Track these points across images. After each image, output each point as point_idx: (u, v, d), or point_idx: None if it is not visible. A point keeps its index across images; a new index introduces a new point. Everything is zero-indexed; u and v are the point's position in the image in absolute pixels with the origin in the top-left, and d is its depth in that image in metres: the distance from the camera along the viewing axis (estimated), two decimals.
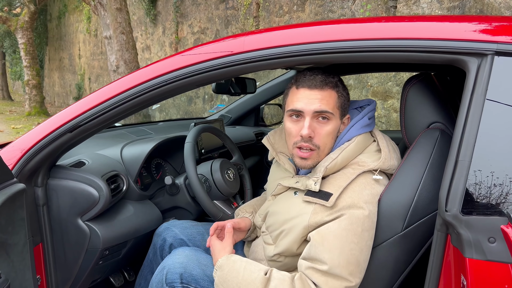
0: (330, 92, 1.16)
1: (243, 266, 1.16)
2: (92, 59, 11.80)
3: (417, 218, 1.08)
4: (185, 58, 1.17)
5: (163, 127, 2.44)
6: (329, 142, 1.19)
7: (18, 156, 1.24)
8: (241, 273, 1.14)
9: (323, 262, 1.07)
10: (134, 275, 1.92)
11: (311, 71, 1.19)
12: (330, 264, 1.06)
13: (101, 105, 1.21)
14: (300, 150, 1.18)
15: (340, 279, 1.06)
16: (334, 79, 1.18)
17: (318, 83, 1.16)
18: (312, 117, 1.15)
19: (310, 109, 1.15)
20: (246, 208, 1.51)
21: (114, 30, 5.77)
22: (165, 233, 1.54)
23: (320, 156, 1.19)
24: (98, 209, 1.38)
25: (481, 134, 0.90)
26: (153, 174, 1.94)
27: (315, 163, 1.19)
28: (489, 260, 0.86)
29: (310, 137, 1.15)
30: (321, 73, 1.18)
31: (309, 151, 1.17)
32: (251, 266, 1.16)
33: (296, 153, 1.19)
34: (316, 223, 1.12)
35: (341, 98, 1.19)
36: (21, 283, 1.13)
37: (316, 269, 1.08)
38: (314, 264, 1.08)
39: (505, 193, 0.88)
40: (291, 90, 1.21)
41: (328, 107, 1.15)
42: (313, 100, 1.15)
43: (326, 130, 1.17)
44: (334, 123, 1.17)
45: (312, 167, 1.21)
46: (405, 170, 1.13)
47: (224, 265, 1.18)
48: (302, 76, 1.19)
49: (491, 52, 0.92)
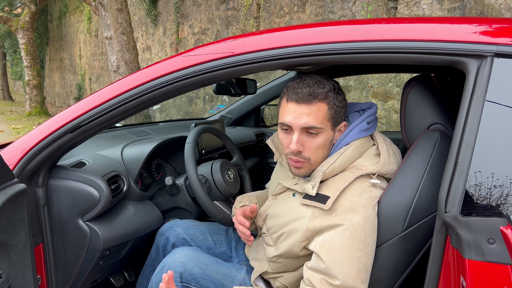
0: (319, 106, 1.13)
1: None
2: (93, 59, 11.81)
3: (417, 219, 1.08)
4: (186, 59, 1.18)
5: (163, 128, 2.45)
6: (320, 153, 1.18)
7: (19, 156, 1.25)
8: None
9: (335, 277, 1.06)
10: (134, 276, 1.92)
11: (301, 82, 1.16)
12: (342, 277, 1.05)
13: (102, 106, 1.22)
14: (291, 160, 1.18)
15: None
16: (324, 90, 1.14)
17: (305, 97, 1.12)
18: (300, 132, 1.14)
19: (298, 124, 1.13)
20: (250, 198, 1.48)
21: (114, 30, 5.78)
22: (168, 232, 1.54)
23: (312, 166, 1.19)
24: (99, 209, 1.38)
25: (480, 135, 0.90)
26: (154, 175, 1.94)
27: (309, 171, 1.20)
28: (489, 261, 0.86)
29: (299, 151, 1.15)
30: (310, 85, 1.14)
31: (300, 162, 1.17)
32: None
33: (289, 162, 1.20)
34: (314, 227, 1.12)
35: (332, 109, 1.15)
36: (22, 283, 1.14)
37: (329, 283, 1.07)
38: (326, 278, 1.08)
39: (505, 194, 0.88)
40: (282, 101, 1.20)
41: (316, 122, 1.13)
42: (300, 115, 1.13)
43: (316, 143, 1.15)
44: (324, 135, 1.16)
45: (307, 175, 1.21)
46: (405, 171, 1.14)
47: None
48: (291, 87, 1.16)
49: (490, 53, 0.92)
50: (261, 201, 1.49)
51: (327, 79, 1.18)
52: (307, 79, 1.16)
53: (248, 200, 1.47)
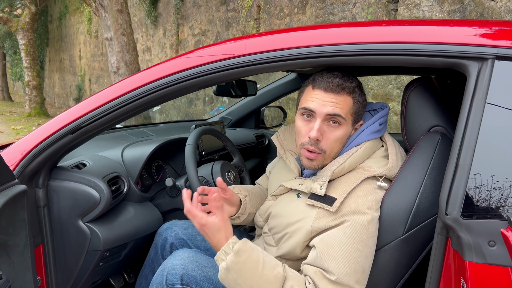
0: (345, 98, 1.15)
1: (262, 258, 1.08)
2: (93, 60, 11.82)
3: (418, 222, 1.08)
4: (186, 60, 1.18)
5: (163, 129, 2.45)
6: (337, 147, 1.18)
7: (20, 157, 1.25)
8: (260, 265, 1.07)
9: (330, 271, 1.06)
10: (134, 277, 1.92)
11: (329, 72, 1.17)
12: (337, 273, 1.05)
13: (103, 107, 1.22)
14: (307, 151, 1.18)
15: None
16: (352, 84, 1.16)
17: (334, 86, 1.14)
18: (323, 120, 1.14)
19: (323, 111, 1.13)
20: (240, 189, 1.46)
21: (115, 31, 5.78)
22: (167, 232, 1.54)
23: (325, 160, 1.18)
24: (99, 210, 1.38)
25: (481, 137, 0.90)
26: (154, 176, 1.94)
27: (321, 165, 1.19)
28: (489, 263, 0.86)
29: (317, 140, 1.15)
30: (339, 76, 1.16)
31: (315, 153, 1.17)
32: (268, 258, 1.10)
33: (303, 153, 1.19)
34: (319, 228, 1.12)
35: (356, 104, 1.17)
36: (22, 284, 1.14)
37: (323, 275, 1.07)
38: (322, 271, 1.08)
39: (505, 197, 0.89)
40: (307, 88, 1.20)
41: (342, 111, 1.14)
42: (327, 103, 1.13)
43: (335, 135, 1.16)
44: (345, 128, 1.16)
45: (318, 169, 1.20)
46: (406, 174, 1.14)
47: (241, 252, 1.07)
48: (320, 76, 1.17)
49: (491, 56, 0.93)
50: (252, 195, 1.46)
51: (353, 76, 1.20)
52: (336, 72, 1.18)
53: (238, 191, 1.45)
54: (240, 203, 1.43)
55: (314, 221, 1.12)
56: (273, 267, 1.08)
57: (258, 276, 1.06)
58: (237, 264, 1.07)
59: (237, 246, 1.08)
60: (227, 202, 1.40)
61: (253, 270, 1.06)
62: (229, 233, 1.12)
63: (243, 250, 1.08)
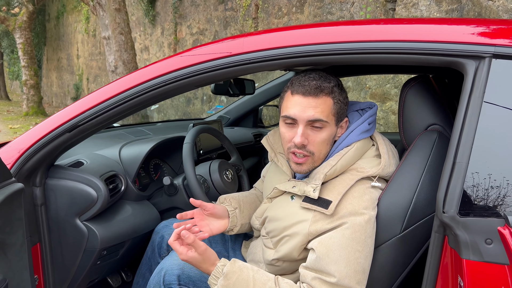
0: (325, 99, 1.13)
1: (252, 276, 1.10)
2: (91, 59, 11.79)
3: (415, 220, 1.08)
4: (184, 58, 1.18)
5: (161, 128, 2.45)
6: (324, 148, 1.17)
7: (16, 156, 1.24)
8: (251, 284, 1.09)
9: (331, 274, 1.06)
10: (131, 276, 1.91)
11: (307, 75, 1.16)
12: (338, 276, 1.05)
13: (100, 105, 1.22)
14: (294, 155, 1.17)
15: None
16: (330, 84, 1.14)
17: (312, 90, 1.12)
18: (306, 125, 1.13)
19: (304, 117, 1.12)
20: (231, 201, 1.45)
21: (112, 30, 5.77)
22: (164, 230, 1.54)
23: (315, 162, 1.18)
24: (96, 209, 1.38)
25: (478, 136, 0.90)
26: (152, 175, 1.94)
27: (311, 168, 1.19)
28: (486, 261, 0.87)
29: (303, 144, 1.14)
30: (317, 78, 1.14)
31: (303, 157, 1.16)
32: (259, 275, 1.11)
33: (291, 158, 1.19)
34: (316, 231, 1.11)
35: (337, 104, 1.15)
36: (19, 283, 1.13)
37: (323, 280, 1.06)
38: (321, 276, 1.07)
39: (502, 195, 0.89)
40: (286, 94, 1.19)
41: (323, 115, 1.12)
42: (306, 108, 1.12)
43: (320, 138, 1.15)
44: (328, 130, 1.15)
45: (308, 172, 1.20)
46: (403, 172, 1.14)
47: (231, 274, 1.10)
48: (297, 80, 1.16)
49: (488, 54, 0.93)
50: (243, 206, 1.46)
51: (331, 75, 1.18)
52: (312, 73, 1.16)
53: (229, 203, 1.44)
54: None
55: (311, 225, 1.12)
56: (264, 283, 1.09)
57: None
58: (227, 287, 1.09)
59: (226, 269, 1.11)
60: (212, 217, 1.39)
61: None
62: (213, 260, 1.15)
63: (232, 271, 1.10)
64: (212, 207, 1.38)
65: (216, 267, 1.13)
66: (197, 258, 1.13)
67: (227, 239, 1.59)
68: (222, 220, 1.40)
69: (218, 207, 1.40)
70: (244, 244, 1.55)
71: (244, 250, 1.53)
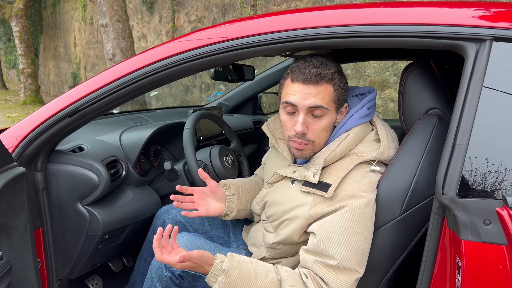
0: (325, 87, 1.13)
1: (252, 269, 1.10)
2: (88, 47, 11.70)
3: (414, 203, 1.09)
4: (185, 43, 1.17)
5: (161, 115, 2.45)
6: (324, 135, 1.18)
7: (18, 140, 1.25)
8: (253, 278, 1.08)
9: (332, 257, 1.07)
10: (132, 261, 1.93)
11: (306, 62, 1.15)
12: (339, 258, 1.06)
13: (100, 90, 1.22)
14: (295, 143, 1.18)
15: (350, 272, 1.07)
16: (330, 71, 1.14)
17: (313, 77, 1.12)
18: (306, 112, 1.13)
19: (304, 104, 1.12)
20: (230, 186, 1.46)
21: (110, 18, 5.72)
22: (165, 215, 1.55)
23: (315, 148, 1.19)
24: (98, 193, 1.38)
25: (478, 118, 0.91)
26: (152, 161, 1.95)
27: (311, 153, 1.20)
28: (484, 241, 0.88)
29: (303, 133, 1.15)
30: (317, 65, 1.13)
31: (303, 144, 1.17)
32: (259, 267, 1.11)
33: (291, 145, 1.20)
34: (316, 214, 1.13)
35: (337, 91, 1.15)
36: (22, 266, 1.14)
37: (324, 264, 1.08)
38: (322, 259, 1.08)
39: (501, 177, 0.90)
40: (286, 81, 1.18)
41: (323, 102, 1.12)
42: (307, 95, 1.12)
43: (321, 125, 1.15)
44: (329, 117, 1.16)
45: (309, 157, 1.21)
46: (403, 155, 1.15)
47: (231, 270, 1.08)
48: (297, 68, 1.15)
49: (489, 37, 0.93)
50: (242, 192, 1.47)
51: (330, 61, 1.17)
52: (312, 60, 1.15)
53: (228, 188, 1.46)
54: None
55: (311, 208, 1.13)
56: (265, 274, 1.09)
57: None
58: (229, 284, 1.08)
59: (225, 265, 1.09)
60: (213, 195, 1.41)
61: (246, 285, 1.08)
62: (210, 261, 1.11)
63: (233, 267, 1.09)
64: (216, 185, 1.40)
65: (215, 265, 1.11)
66: (193, 266, 1.11)
67: (228, 223, 1.60)
68: (220, 203, 1.42)
69: (220, 187, 1.42)
70: (245, 229, 1.57)
71: (245, 235, 1.54)
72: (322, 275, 1.07)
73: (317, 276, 1.08)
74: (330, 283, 1.06)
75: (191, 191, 1.38)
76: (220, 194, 1.42)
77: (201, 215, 1.37)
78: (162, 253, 1.11)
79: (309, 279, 1.08)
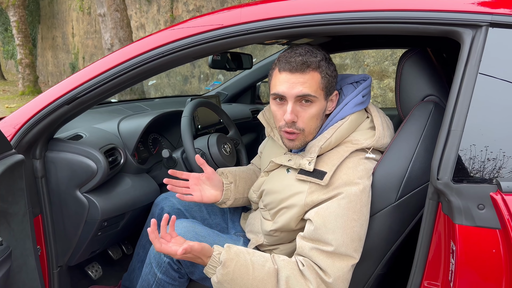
0: (312, 75, 1.13)
1: (249, 260, 1.11)
2: (86, 37, 11.63)
3: (410, 188, 1.10)
4: (181, 30, 1.17)
5: (159, 104, 2.45)
6: (314, 123, 1.18)
7: (16, 128, 1.25)
8: (250, 268, 1.09)
9: (328, 243, 1.08)
10: (131, 249, 1.95)
11: (293, 51, 1.15)
12: (336, 244, 1.07)
13: (97, 78, 1.22)
14: (285, 132, 1.18)
15: (346, 258, 1.08)
16: (316, 59, 1.13)
17: (299, 66, 1.12)
18: (295, 101, 1.14)
19: (292, 93, 1.12)
20: (228, 175, 1.48)
21: (108, 7, 5.68)
22: (163, 202, 1.56)
23: (306, 137, 1.19)
24: (97, 181, 1.39)
25: (473, 104, 0.91)
26: (150, 149, 1.95)
27: (303, 143, 1.20)
28: (478, 226, 0.89)
29: (293, 122, 1.15)
30: (303, 54, 1.13)
31: (294, 134, 1.18)
32: (256, 257, 1.12)
33: (283, 135, 1.20)
34: (312, 202, 1.14)
35: (325, 78, 1.15)
36: (22, 252, 1.16)
37: (321, 250, 1.09)
38: (318, 245, 1.09)
39: (495, 162, 0.91)
40: (274, 72, 1.19)
41: (311, 90, 1.12)
42: (294, 84, 1.12)
43: (310, 113, 1.15)
44: (318, 105, 1.15)
45: (301, 147, 1.21)
46: (399, 142, 1.15)
47: (228, 261, 1.09)
48: (283, 57, 1.15)
49: (485, 23, 0.93)
50: (239, 181, 1.48)
51: (317, 49, 1.17)
52: (298, 49, 1.15)
53: (225, 176, 1.47)
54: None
55: (307, 196, 1.14)
56: (262, 264, 1.10)
57: (251, 279, 1.08)
58: (227, 275, 1.09)
59: (222, 257, 1.10)
60: (208, 181, 1.42)
61: (244, 275, 1.09)
62: (206, 252, 1.12)
63: (230, 259, 1.10)
64: (212, 171, 1.41)
65: (212, 257, 1.12)
66: (193, 257, 1.12)
67: (226, 211, 1.62)
68: (216, 191, 1.43)
69: (216, 174, 1.44)
70: (243, 216, 1.58)
71: (242, 222, 1.56)
72: (319, 261, 1.08)
73: (314, 263, 1.09)
74: (326, 270, 1.07)
75: (187, 176, 1.39)
76: (216, 181, 1.43)
77: (195, 201, 1.38)
78: (161, 243, 1.11)
79: (305, 267, 1.09)
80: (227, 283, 1.09)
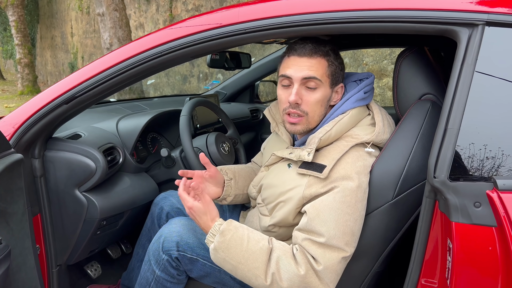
0: (319, 60, 1.17)
1: (247, 235, 1.15)
2: (85, 37, 11.62)
3: (407, 186, 1.11)
4: (179, 30, 1.18)
5: (158, 103, 2.45)
6: (318, 109, 1.20)
7: (15, 128, 1.25)
8: (245, 241, 1.14)
9: (320, 234, 1.09)
10: (131, 248, 1.96)
11: (303, 40, 1.20)
12: (327, 236, 1.08)
13: (96, 77, 1.22)
14: (289, 116, 1.21)
15: (337, 250, 1.09)
16: (325, 48, 1.19)
17: (307, 51, 1.17)
18: (300, 84, 1.17)
19: (298, 75, 1.16)
20: (227, 171, 1.50)
21: (107, 6, 5.68)
22: (163, 202, 1.57)
23: (310, 123, 1.21)
24: (95, 180, 1.40)
25: (470, 103, 0.92)
26: (149, 148, 1.96)
27: (305, 128, 1.22)
28: (474, 223, 0.90)
29: (297, 103, 1.18)
30: (312, 42, 1.19)
31: (297, 117, 1.20)
32: (254, 234, 1.16)
33: (286, 119, 1.23)
34: (310, 195, 1.14)
35: (331, 66, 1.19)
36: (21, 251, 1.16)
37: (313, 241, 1.10)
38: (311, 236, 1.11)
39: (492, 160, 0.91)
40: (283, 59, 1.23)
41: (317, 73, 1.16)
42: (301, 67, 1.16)
43: (314, 98, 1.18)
44: (323, 91, 1.18)
45: (303, 132, 1.23)
46: (396, 140, 1.16)
47: (226, 231, 1.16)
48: (293, 44, 1.20)
49: (482, 22, 0.94)
50: (239, 178, 1.50)
51: (327, 42, 1.22)
52: (308, 39, 1.21)
53: (225, 173, 1.49)
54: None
55: (306, 189, 1.15)
56: (257, 241, 1.14)
57: (244, 250, 1.12)
58: (223, 243, 1.14)
59: (222, 227, 1.16)
60: (211, 179, 1.44)
61: (238, 246, 1.13)
62: (214, 215, 1.21)
63: (228, 229, 1.16)
64: (215, 170, 1.44)
65: (214, 225, 1.18)
66: (200, 208, 1.19)
67: (225, 209, 1.62)
68: (217, 188, 1.45)
69: (220, 173, 1.46)
70: (242, 215, 1.58)
71: (242, 220, 1.56)
72: (311, 251, 1.10)
73: (307, 251, 1.11)
74: (317, 258, 1.09)
75: (191, 175, 1.40)
76: (219, 179, 1.45)
77: None
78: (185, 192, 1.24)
79: (298, 251, 1.12)
80: (221, 251, 1.14)
